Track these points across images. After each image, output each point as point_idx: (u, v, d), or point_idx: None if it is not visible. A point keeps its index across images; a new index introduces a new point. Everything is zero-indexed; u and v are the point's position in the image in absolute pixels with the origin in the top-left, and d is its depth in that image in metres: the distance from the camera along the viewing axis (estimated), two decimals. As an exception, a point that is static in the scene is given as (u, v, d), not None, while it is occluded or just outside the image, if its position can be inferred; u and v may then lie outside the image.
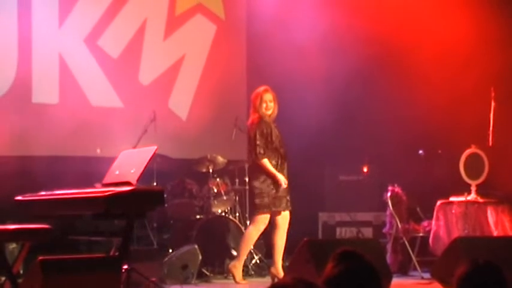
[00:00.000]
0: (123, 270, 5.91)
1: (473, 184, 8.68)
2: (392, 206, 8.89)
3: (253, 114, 7.97)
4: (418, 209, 9.28)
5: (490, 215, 8.48)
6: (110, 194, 5.44)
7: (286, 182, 7.78)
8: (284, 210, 7.84)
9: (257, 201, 7.82)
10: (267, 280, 8.12)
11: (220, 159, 8.95)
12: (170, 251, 8.31)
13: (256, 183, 7.82)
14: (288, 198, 7.90)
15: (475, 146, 8.81)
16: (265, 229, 8.07)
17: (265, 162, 7.76)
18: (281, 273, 7.68)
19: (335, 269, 2.80)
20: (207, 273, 8.32)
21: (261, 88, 7.98)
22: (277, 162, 7.85)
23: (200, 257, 7.98)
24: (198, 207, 8.81)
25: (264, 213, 7.80)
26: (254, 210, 7.96)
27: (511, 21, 9.57)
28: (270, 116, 7.94)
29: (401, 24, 9.53)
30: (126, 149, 6.61)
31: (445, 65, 9.61)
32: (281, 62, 10.06)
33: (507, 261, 3.81)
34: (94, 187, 5.96)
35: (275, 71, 10.05)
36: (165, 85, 9.99)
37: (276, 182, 7.75)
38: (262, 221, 7.83)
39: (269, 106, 7.90)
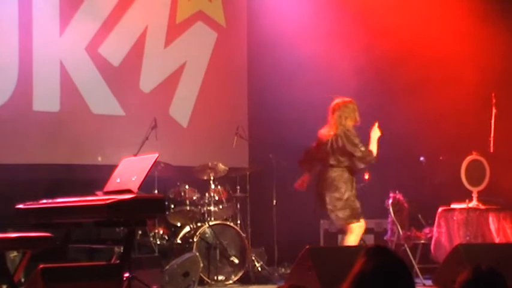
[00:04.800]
0: (125, 278, 5.90)
1: (475, 191, 8.68)
2: (394, 213, 8.89)
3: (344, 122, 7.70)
4: (419, 216, 9.28)
5: (492, 221, 8.48)
6: (111, 202, 5.44)
7: None
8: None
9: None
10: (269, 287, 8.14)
11: (222, 166, 8.94)
12: (171, 258, 8.30)
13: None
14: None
15: (476, 152, 8.81)
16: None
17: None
18: None
19: (368, 264, 2.80)
20: (208, 281, 8.31)
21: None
22: None
23: (201, 265, 7.98)
24: (199, 215, 8.81)
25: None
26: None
27: (511, 27, 9.58)
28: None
29: (401, 31, 9.53)
30: (127, 157, 6.60)
31: (445, 71, 9.62)
32: (282, 69, 10.07)
33: (509, 268, 3.80)
34: (95, 195, 5.96)
35: (276, 78, 10.08)
36: (166, 93, 9.99)
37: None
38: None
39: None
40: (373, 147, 7.60)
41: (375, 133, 7.67)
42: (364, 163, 7.59)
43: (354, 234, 7.54)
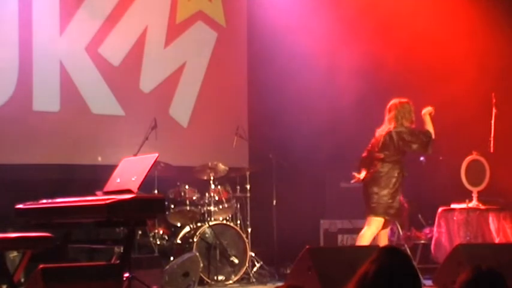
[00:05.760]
0: (124, 278, 5.90)
1: (475, 191, 8.68)
2: (394, 213, 8.87)
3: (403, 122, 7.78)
4: (419, 216, 9.27)
5: (492, 221, 8.48)
6: (110, 202, 5.43)
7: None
8: None
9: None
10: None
11: (222, 166, 8.94)
12: (171, 258, 8.30)
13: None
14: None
15: (477, 152, 8.81)
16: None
17: None
18: None
19: (374, 264, 2.80)
20: (208, 281, 8.31)
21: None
22: None
23: (201, 265, 7.98)
24: (199, 215, 8.81)
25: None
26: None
27: (511, 27, 9.58)
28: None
29: (402, 31, 9.53)
30: (127, 157, 6.60)
31: (446, 71, 9.62)
32: (282, 69, 10.07)
33: (509, 268, 3.80)
34: (95, 195, 5.96)
35: (276, 78, 10.07)
36: (166, 93, 9.99)
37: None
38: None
39: None
40: (429, 126, 7.77)
41: (425, 112, 7.81)
42: (427, 149, 7.77)
43: (370, 229, 7.62)
